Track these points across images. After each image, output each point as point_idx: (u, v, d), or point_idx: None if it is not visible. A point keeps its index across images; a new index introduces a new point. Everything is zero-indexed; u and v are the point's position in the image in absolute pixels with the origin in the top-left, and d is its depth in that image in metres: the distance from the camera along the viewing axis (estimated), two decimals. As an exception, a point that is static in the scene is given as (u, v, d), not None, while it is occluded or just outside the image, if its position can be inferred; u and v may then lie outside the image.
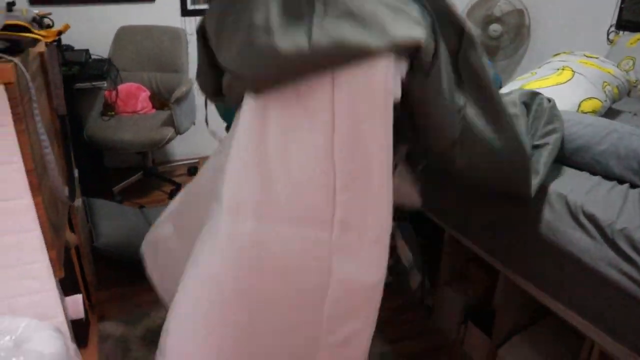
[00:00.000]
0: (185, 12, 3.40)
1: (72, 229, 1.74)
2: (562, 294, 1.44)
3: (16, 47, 1.10)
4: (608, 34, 3.39)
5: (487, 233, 1.67)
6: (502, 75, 4.15)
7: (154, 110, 3.20)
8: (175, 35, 3.24)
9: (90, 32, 3.17)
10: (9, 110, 1.05)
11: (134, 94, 3.16)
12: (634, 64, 2.81)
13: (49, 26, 1.19)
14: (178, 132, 2.96)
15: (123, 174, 3.22)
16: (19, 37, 1.09)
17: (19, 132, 1.08)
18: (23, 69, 1.06)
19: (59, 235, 1.35)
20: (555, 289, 1.46)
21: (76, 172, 1.81)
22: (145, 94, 3.19)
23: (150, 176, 3.30)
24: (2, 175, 1.10)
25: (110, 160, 3.37)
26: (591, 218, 1.35)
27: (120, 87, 3.09)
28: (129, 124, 2.98)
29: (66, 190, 1.41)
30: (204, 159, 3.68)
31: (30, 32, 1.11)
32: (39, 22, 1.16)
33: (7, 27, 1.08)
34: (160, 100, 3.23)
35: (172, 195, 3.16)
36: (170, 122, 2.94)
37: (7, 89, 1.04)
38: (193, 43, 3.38)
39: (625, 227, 1.28)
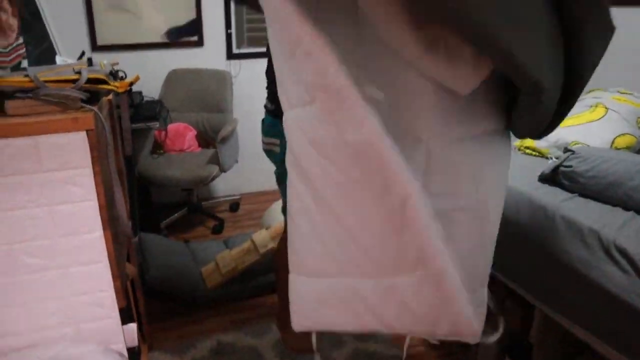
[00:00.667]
0: (230, 56, 3.61)
1: (128, 261, 1.88)
2: (598, 329, 1.47)
3: (95, 98, 1.26)
4: (644, 70, 3.42)
5: (523, 268, 1.72)
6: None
7: (200, 149, 3.38)
8: (221, 77, 3.45)
9: (144, 75, 3.37)
10: (88, 155, 1.19)
11: (182, 133, 3.35)
12: (671, 99, 2.83)
13: (122, 78, 1.35)
14: (223, 169, 3.12)
15: (169, 209, 3.39)
16: (99, 89, 1.25)
17: (95, 173, 1.22)
18: (102, 117, 1.21)
19: (122, 267, 1.48)
20: (591, 323, 1.49)
21: (136, 207, 1.96)
22: (192, 133, 3.38)
23: (195, 212, 3.46)
24: (81, 211, 1.24)
25: (157, 196, 3.55)
26: (623, 252, 1.40)
27: (170, 126, 3.29)
28: (177, 161, 3.16)
29: (130, 225, 1.55)
30: (246, 195, 3.83)
31: (108, 84, 1.27)
32: (114, 74, 1.32)
33: (89, 80, 1.24)
34: (206, 139, 3.41)
35: (214, 230, 3.30)
36: (215, 160, 3.10)
37: (88, 135, 1.19)
38: (238, 85, 3.58)
39: (658, 262, 1.33)
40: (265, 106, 1.87)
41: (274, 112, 1.76)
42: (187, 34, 3.48)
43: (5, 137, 1.17)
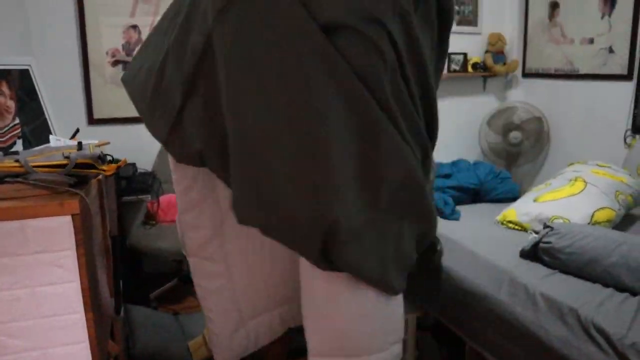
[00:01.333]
0: (223, 129, 3.72)
1: (112, 338, 1.87)
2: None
3: (83, 181, 1.31)
4: (625, 138, 3.54)
5: (506, 345, 1.72)
6: (526, 178, 4.28)
7: (191, 220, 3.41)
8: (214, 150, 3.53)
9: (138, 147, 3.48)
10: (73, 238, 1.23)
11: (174, 205, 3.39)
12: (651, 166, 2.91)
13: (110, 161, 1.40)
14: (213, 240, 3.14)
15: (160, 280, 3.38)
16: (87, 174, 1.30)
17: (79, 255, 1.25)
18: (87, 201, 1.25)
19: (103, 347, 1.48)
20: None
21: (120, 285, 1.97)
22: (184, 204, 3.42)
23: (186, 282, 3.45)
24: (63, 292, 1.26)
25: (149, 266, 3.55)
26: (602, 332, 1.41)
27: (162, 198, 3.34)
28: (168, 232, 3.18)
29: (113, 304, 1.56)
30: (237, 264, 3.82)
31: (96, 168, 1.32)
32: (102, 158, 1.38)
33: (78, 165, 1.29)
34: (198, 210, 3.45)
35: (205, 301, 3.27)
36: (206, 231, 3.13)
37: (73, 219, 1.23)
38: (230, 157, 3.66)
39: (635, 341, 1.34)
40: None
41: None
42: (182, 108, 3.60)
43: (-7, 221, 1.21)
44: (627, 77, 3.58)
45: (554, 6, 4.12)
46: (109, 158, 1.40)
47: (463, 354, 2.00)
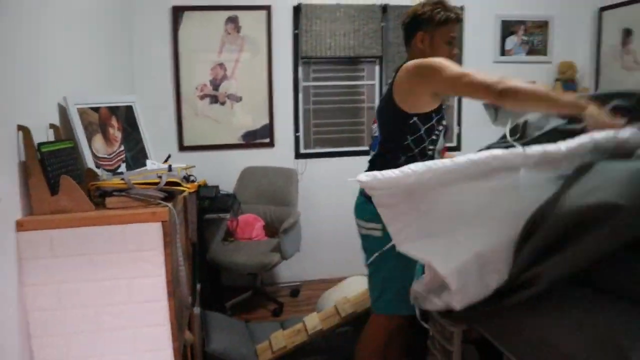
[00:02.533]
0: (298, 155, 4.06)
1: (190, 330, 2.19)
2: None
3: (171, 196, 1.64)
4: None
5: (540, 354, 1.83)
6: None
7: (266, 238, 3.74)
8: (289, 174, 3.87)
9: (221, 171, 3.89)
10: (162, 240, 1.56)
11: (251, 224, 3.75)
12: None
13: (193, 181, 1.73)
14: (284, 257, 3.44)
15: (236, 291, 3.72)
16: (174, 190, 1.64)
17: (165, 255, 1.58)
18: (174, 212, 1.58)
19: (181, 332, 1.79)
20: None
21: (198, 286, 2.30)
22: (260, 223, 3.77)
23: (258, 295, 3.77)
24: (152, 283, 1.58)
25: (227, 279, 3.91)
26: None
27: (241, 217, 3.70)
28: (245, 248, 3.53)
29: (190, 299, 1.87)
30: (306, 282, 4.10)
31: (181, 186, 1.65)
32: (187, 178, 1.71)
33: (167, 183, 1.63)
34: (272, 229, 3.78)
35: (274, 313, 3.57)
36: (278, 248, 3.44)
37: (162, 225, 1.56)
38: (303, 181, 3.98)
39: None
40: (365, 194, 1.96)
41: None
42: (261, 136, 3.99)
43: (104, 225, 1.56)
44: (703, 105, 3.51)
45: (628, 33, 4.12)
46: (192, 178, 1.73)
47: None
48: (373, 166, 2.07)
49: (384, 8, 3.98)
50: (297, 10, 3.90)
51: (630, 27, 4.09)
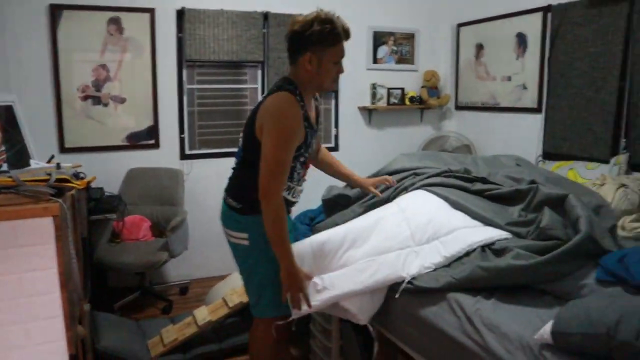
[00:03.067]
0: (183, 156, 4.15)
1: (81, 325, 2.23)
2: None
3: (61, 192, 1.72)
4: (537, 163, 4.07)
5: (404, 328, 2.15)
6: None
7: (153, 238, 3.78)
8: (174, 175, 3.95)
9: (106, 173, 3.86)
10: (53, 234, 1.63)
11: (137, 224, 3.77)
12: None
13: (82, 178, 1.81)
14: (172, 255, 3.52)
15: (123, 292, 3.72)
16: (64, 186, 1.71)
17: (57, 248, 1.65)
18: (65, 206, 1.66)
19: (74, 323, 1.86)
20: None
21: (89, 282, 2.34)
22: (147, 224, 3.80)
23: (147, 294, 3.80)
24: (44, 276, 1.65)
25: (113, 280, 3.89)
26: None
27: (127, 218, 3.71)
28: (132, 249, 3.55)
29: (82, 292, 1.94)
30: (195, 280, 4.20)
31: (71, 182, 1.73)
32: (77, 175, 1.79)
33: (57, 180, 1.70)
34: (159, 229, 3.83)
35: (164, 311, 3.63)
36: (165, 247, 3.51)
37: (54, 220, 1.63)
38: (189, 181, 4.08)
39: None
40: (229, 204, 2.05)
41: (240, 210, 2.01)
42: (146, 137, 4.02)
43: (-9, 222, 1.60)
44: (537, 110, 4.16)
45: (480, 47, 4.71)
46: (81, 175, 1.81)
47: (372, 338, 2.43)
48: (235, 178, 2.09)
49: (265, 15, 4.20)
50: (180, 14, 3.99)
51: (482, 42, 4.69)
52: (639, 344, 1.22)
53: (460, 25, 4.90)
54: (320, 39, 1.86)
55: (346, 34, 1.93)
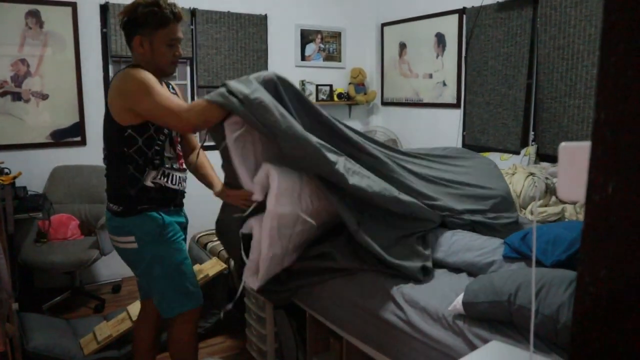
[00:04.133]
0: (112, 154, 4.07)
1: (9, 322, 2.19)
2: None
3: (-13, 189, 1.70)
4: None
5: (335, 311, 2.28)
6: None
7: (82, 237, 3.71)
8: (102, 172, 3.86)
9: (29, 171, 3.73)
10: (-19, 229, 1.62)
11: (64, 223, 3.68)
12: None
13: (7, 173, 1.79)
14: (103, 253, 3.47)
15: (52, 293, 3.63)
16: (-10, 183, 1.69)
17: (-14, 244, 1.64)
18: (-8, 202, 1.64)
19: (2, 321, 1.84)
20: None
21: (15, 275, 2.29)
22: (75, 222, 3.72)
23: (78, 294, 3.72)
24: (-27, 272, 1.63)
25: (41, 282, 3.78)
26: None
27: (53, 217, 3.61)
28: (60, 248, 3.47)
29: (11, 289, 1.92)
30: (128, 278, 4.14)
31: (-3, 179, 1.71)
32: (1, 171, 1.77)
33: (-18, 177, 1.68)
34: (89, 227, 3.76)
35: (96, 309, 3.58)
36: (96, 245, 3.46)
37: (-19, 216, 1.62)
38: (118, 178, 4.02)
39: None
40: (111, 210, 2.03)
41: (122, 213, 1.99)
42: (71, 135, 3.92)
43: None
44: (457, 105, 4.43)
45: (403, 46, 4.94)
46: (6, 171, 1.79)
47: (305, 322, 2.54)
48: (108, 178, 2.10)
49: (193, 12, 4.21)
50: (104, 8, 3.92)
51: (404, 41, 4.91)
52: (531, 307, 1.40)
53: (384, 24, 5.11)
54: (146, 21, 1.88)
55: (175, 16, 1.91)
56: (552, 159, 3.58)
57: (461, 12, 4.25)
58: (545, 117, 3.63)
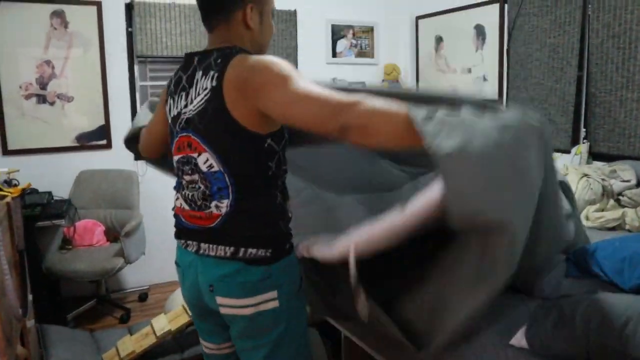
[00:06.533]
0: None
1: (23, 345, 2.06)
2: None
3: (-9, 202, 1.55)
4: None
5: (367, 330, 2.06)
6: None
7: (108, 243, 3.60)
8: (129, 177, 3.76)
9: (54, 176, 3.64)
10: (-18, 248, 1.47)
11: (90, 230, 3.57)
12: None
13: (15, 185, 1.65)
14: (128, 261, 3.35)
15: (78, 301, 3.53)
16: (-6, 195, 1.55)
17: (-12, 263, 1.49)
18: (-5, 217, 1.50)
19: (12, 346, 1.70)
20: None
21: (30, 297, 2.17)
22: (100, 229, 3.61)
23: (103, 303, 3.61)
24: (-26, 295, 1.49)
25: (66, 290, 3.68)
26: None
27: (78, 223, 3.51)
28: (85, 256, 3.36)
29: (20, 310, 1.78)
30: (155, 285, 4.02)
31: (1, 190, 1.56)
32: (9, 182, 1.62)
33: (-15, 189, 1.54)
34: (114, 234, 3.65)
35: (121, 320, 3.46)
36: (121, 252, 3.34)
37: (-18, 232, 1.47)
38: (144, 183, 3.89)
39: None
40: (249, 258, 1.34)
41: (269, 259, 1.35)
42: (97, 138, 3.81)
43: None
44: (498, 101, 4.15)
45: (439, 40, 4.68)
46: (14, 182, 1.65)
47: (340, 343, 2.34)
48: (244, 216, 1.34)
49: (221, 9, 4.05)
50: (129, 7, 3.80)
51: (441, 34, 4.65)
52: (618, 345, 1.16)
53: (419, 17, 4.85)
54: None
55: None
56: (607, 157, 3.27)
57: (502, 1, 3.96)
58: (598, 112, 3.33)
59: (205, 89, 1.31)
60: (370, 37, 4.89)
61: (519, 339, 1.36)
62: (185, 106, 1.37)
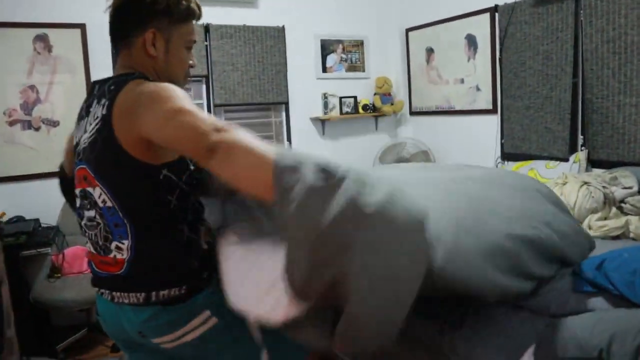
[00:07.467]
0: (128, 180, 3.86)
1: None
2: None
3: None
4: (496, 165, 4.00)
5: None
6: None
7: (98, 269, 3.48)
8: (118, 200, 3.65)
9: (42, 203, 3.54)
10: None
11: (79, 256, 3.45)
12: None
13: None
14: (119, 287, 3.23)
15: (68, 331, 3.40)
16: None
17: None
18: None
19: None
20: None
21: (13, 331, 2.06)
22: (90, 255, 3.50)
23: (94, 331, 3.49)
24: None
25: (57, 319, 3.56)
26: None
27: (67, 251, 3.39)
28: (74, 283, 3.24)
29: (-1, 346, 1.68)
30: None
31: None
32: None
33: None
34: (104, 259, 3.53)
35: (114, 348, 3.33)
36: (111, 278, 3.22)
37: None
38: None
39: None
40: (162, 301, 1.25)
41: (184, 295, 1.26)
42: (84, 162, 3.72)
43: None
44: (493, 111, 4.09)
45: (430, 51, 4.63)
46: (-12, 211, 1.56)
47: None
48: (146, 256, 1.25)
49: (207, 27, 4.00)
50: (116, 28, 3.74)
51: (431, 45, 4.61)
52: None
53: (409, 30, 4.82)
54: (168, 8, 1.28)
55: (199, 11, 1.36)
56: (606, 164, 3.20)
57: (493, 10, 3.93)
58: (595, 118, 3.27)
59: (97, 117, 1.23)
60: (360, 51, 4.84)
61: (527, 363, 1.27)
62: (81, 136, 1.31)
